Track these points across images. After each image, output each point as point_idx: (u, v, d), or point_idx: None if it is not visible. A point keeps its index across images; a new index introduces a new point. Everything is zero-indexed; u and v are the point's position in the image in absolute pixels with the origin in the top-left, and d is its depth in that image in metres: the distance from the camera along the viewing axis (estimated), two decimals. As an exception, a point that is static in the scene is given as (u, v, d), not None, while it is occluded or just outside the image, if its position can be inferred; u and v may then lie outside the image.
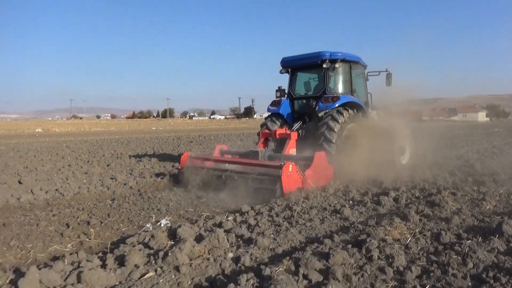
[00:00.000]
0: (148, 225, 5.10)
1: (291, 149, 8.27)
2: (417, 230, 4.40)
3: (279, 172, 6.44)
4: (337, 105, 8.68)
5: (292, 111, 9.85)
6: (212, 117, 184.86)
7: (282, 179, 6.38)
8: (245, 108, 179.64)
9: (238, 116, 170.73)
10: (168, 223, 5.16)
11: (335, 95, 8.97)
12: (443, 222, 4.78)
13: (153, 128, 53.44)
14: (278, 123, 9.49)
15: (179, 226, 4.32)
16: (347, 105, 8.95)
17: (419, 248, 3.88)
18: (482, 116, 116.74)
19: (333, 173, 7.45)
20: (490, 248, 3.79)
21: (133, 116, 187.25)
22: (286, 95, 10.00)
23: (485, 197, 5.88)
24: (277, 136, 8.52)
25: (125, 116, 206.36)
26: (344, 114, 8.53)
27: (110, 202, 6.64)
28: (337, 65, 9.15)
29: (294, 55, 9.86)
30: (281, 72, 10.14)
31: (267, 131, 9.11)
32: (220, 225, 4.72)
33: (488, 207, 5.49)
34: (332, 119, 8.34)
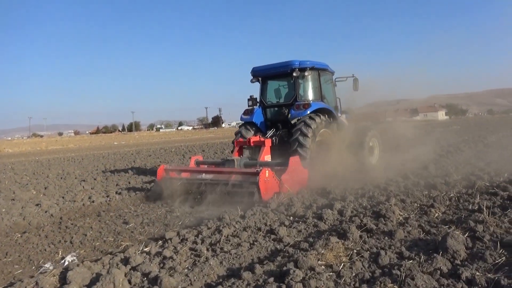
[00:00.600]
0: (47, 265, 4.28)
1: (266, 156, 8.47)
2: (355, 251, 3.85)
3: (257, 179, 6.62)
4: (308, 112, 8.91)
5: (265, 119, 10.05)
6: (179, 128, 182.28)
7: (260, 185, 6.56)
8: (212, 118, 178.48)
9: (206, 126, 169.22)
10: (73, 260, 4.36)
11: (306, 102, 9.21)
12: (386, 237, 4.27)
13: (115, 143, 51.62)
14: (252, 131, 9.66)
15: (71, 269, 3.54)
16: (318, 111, 9.18)
17: (353, 275, 3.31)
18: (442, 115, 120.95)
19: (307, 177, 7.68)
20: (433, 269, 3.27)
21: (97, 131, 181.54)
22: (258, 104, 10.18)
23: (435, 203, 5.45)
24: (252, 144, 8.70)
25: (89, 131, 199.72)
26: (316, 120, 8.77)
27: (19, 235, 5.72)
28: (306, 73, 9.42)
29: (264, 65, 10.07)
30: (252, 81, 10.33)
31: (241, 139, 9.20)
32: (127, 261, 3.96)
33: (436, 214, 5.04)
34: (305, 126, 8.58)
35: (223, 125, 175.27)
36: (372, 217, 5.00)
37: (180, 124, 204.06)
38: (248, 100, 10.29)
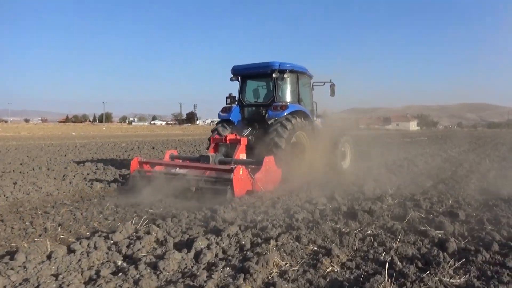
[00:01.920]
0: None
1: (241, 154, 8.57)
2: None
3: (230, 176, 6.72)
4: (285, 114, 8.96)
5: (242, 117, 10.08)
6: (152, 122, 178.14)
7: (234, 182, 6.66)
8: (187, 114, 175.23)
9: (180, 122, 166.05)
10: None
11: (284, 103, 9.23)
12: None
13: (73, 133, 48.73)
14: (229, 129, 9.65)
15: None
16: (294, 114, 9.22)
17: None
18: (413, 125, 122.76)
19: (281, 176, 7.87)
20: None
21: (67, 120, 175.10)
22: (236, 102, 10.19)
23: (336, 248, 3.92)
24: (228, 142, 8.82)
25: (58, 120, 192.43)
26: (292, 122, 8.86)
27: None
28: (285, 75, 9.46)
29: (245, 64, 10.05)
30: (231, 80, 10.25)
31: (217, 136, 9.27)
32: None
33: (328, 269, 3.50)
34: (282, 126, 8.68)
35: (198, 122, 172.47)
36: (233, 270, 3.41)
37: (154, 118, 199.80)
38: (227, 98, 10.27)
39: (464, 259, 3.71)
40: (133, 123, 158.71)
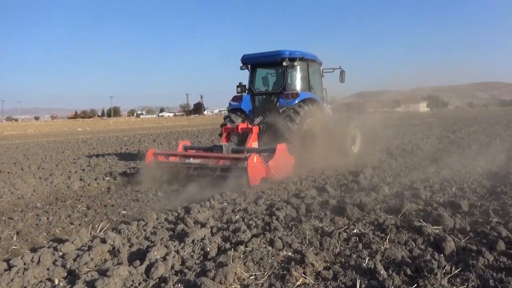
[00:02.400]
0: None
1: (253, 142, 8.63)
2: None
3: (245, 164, 6.74)
4: (297, 102, 9.01)
5: (253, 106, 10.03)
6: (160, 114, 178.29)
7: (248, 170, 6.67)
8: (194, 105, 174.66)
9: (187, 113, 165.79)
10: None
11: (294, 91, 9.31)
12: None
13: (79, 129, 48.69)
14: (240, 118, 9.68)
15: None
16: (305, 101, 9.26)
17: None
18: (423, 107, 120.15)
19: (293, 163, 7.90)
20: None
21: (76, 116, 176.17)
22: (247, 91, 10.15)
23: (312, 253, 3.38)
24: (240, 131, 8.85)
25: (67, 116, 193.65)
26: (304, 109, 8.96)
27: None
28: (295, 63, 9.51)
29: (255, 53, 9.98)
30: (241, 69, 10.24)
31: (229, 126, 9.22)
32: None
33: (299, 281, 2.95)
34: (294, 113, 8.78)
35: (205, 112, 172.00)
36: None
37: (162, 110, 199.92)
38: (237, 87, 10.23)
39: (462, 264, 3.13)
40: (141, 116, 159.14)
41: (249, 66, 10.17)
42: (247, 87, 10.16)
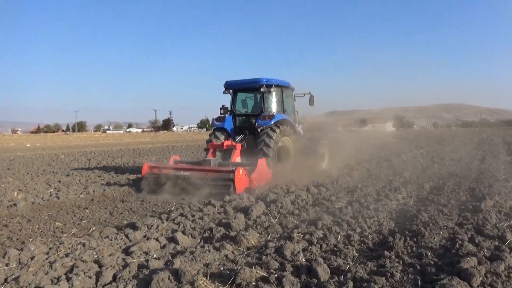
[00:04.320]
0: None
1: (236, 158, 9.82)
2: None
3: (232, 176, 8.06)
4: (272, 122, 10.32)
5: (234, 125, 11.39)
6: (128, 130, 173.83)
7: (235, 181, 8.02)
8: (163, 121, 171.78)
9: (156, 129, 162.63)
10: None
11: (270, 113, 10.64)
12: None
13: (28, 144, 45.72)
14: (223, 136, 10.91)
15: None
16: (280, 122, 10.57)
17: None
18: (389, 126, 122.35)
19: (271, 175, 9.19)
20: None
21: (38, 130, 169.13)
22: (229, 113, 11.48)
23: None
24: (225, 147, 10.01)
25: (30, 131, 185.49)
26: (279, 129, 10.25)
27: None
28: (272, 89, 11.00)
29: (237, 80, 11.45)
30: (224, 93, 11.54)
31: (215, 143, 10.34)
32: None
33: None
34: (270, 132, 10.05)
35: (175, 128, 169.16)
36: None
37: (130, 125, 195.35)
38: (220, 108, 11.60)
39: None
40: (107, 131, 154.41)
41: (230, 90, 11.53)
42: (229, 109, 11.53)
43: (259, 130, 10.40)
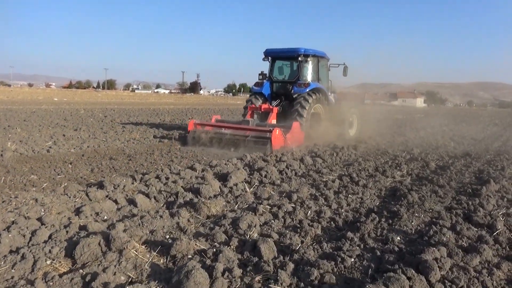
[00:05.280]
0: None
1: (272, 120, 10.67)
2: None
3: (270, 135, 8.99)
4: (307, 90, 11.07)
5: (271, 91, 12.16)
6: (156, 91, 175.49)
7: (272, 140, 8.91)
8: (191, 83, 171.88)
9: (183, 91, 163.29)
10: None
11: (306, 82, 11.36)
12: None
13: (55, 99, 46.87)
14: (260, 100, 11.71)
15: None
16: (314, 90, 11.33)
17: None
18: (420, 102, 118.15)
19: (304, 137, 10.18)
20: None
21: (70, 86, 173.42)
22: (267, 78, 12.20)
23: None
24: (262, 110, 10.97)
25: (62, 86, 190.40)
26: (313, 97, 10.99)
27: None
28: (308, 59, 11.73)
29: (276, 48, 12.19)
30: (263, 60, 12.24)
31: (253, 105, 11.26)
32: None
33: None
34: (304, 100, 10.81)
35: (201, 91, 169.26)
36: None
37: (158, 86, 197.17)
38: (259, 74, 12.33)
39: None
40: (136, 91, 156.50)
41: (269, 58, 12.19)
42: (267, 76, 12.25)
43: (294, 96, 11.25)
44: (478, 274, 2.96)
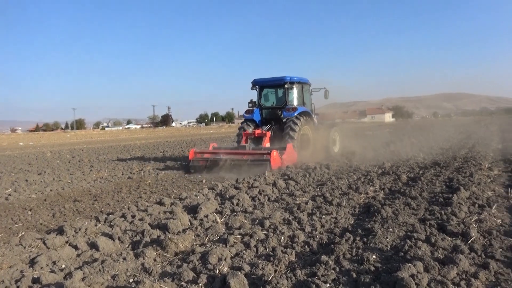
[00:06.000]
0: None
1: (266, 143, 11.74)
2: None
3: (269, 157, 9.97)
4: (295, 114, 12.12)
5: (261, 117, 13.14)
6: (127, 126, 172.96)
7: (271, 161, 9.89)
8: (162, 116, 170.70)
9: (155, 125, 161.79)
10: None
11: (293, 106, 12.41)
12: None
13: (20, 143, 45.23)
14: (252, 126, 12.65)
15: None
16: (301, 114, 12.39)
17: None
18: (388, 117, 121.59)
19: (297, 157, 11.21)
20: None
21: (37, 129, 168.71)
22: (257, 106, 13.19)
23: None
24: (256, 135, 12.05)
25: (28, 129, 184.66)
26: (301, 120, 12.05)
27: None
28: (294, 86, 12.83)
29: (263, 78, 13.14)
30: (251, 89, 13.28)
31: (248, 131, 12.28)
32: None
33: None
34: (294, 123, 11.83)
35: (174, 124, 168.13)
36: None
37: (129, 122, 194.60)
38: (249, 102, 13.37)
39: None
40: (107, 129, 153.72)
41: (257, 87, 13.23)
42: (257, 103, 13.24)
43: (284, 120, 12.31)
44: (456, 287, 2.86)
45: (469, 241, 3.87)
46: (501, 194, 6.22)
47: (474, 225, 4.37)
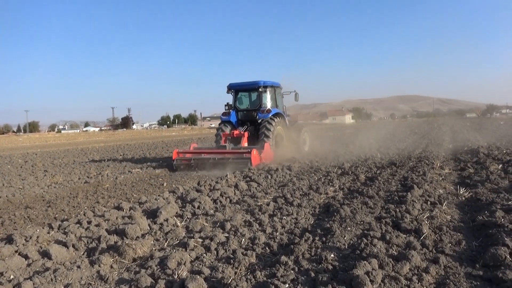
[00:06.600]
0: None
1: (245, 143, 12.70)
2: None
3: (249, 155, 10.93)
4: (270, 115, 13.08)
5: (237, 119, 14.14)
6: (85, 129, 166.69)
7: (252, 159, 10.82)
8: (122, 119, 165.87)
9: (115, 127, 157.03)
10: None
11: (267, 108, 13.35)
12: None
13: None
14: (229, 127, 13.57)
15: None
16: (275, 115, 13.42)
17: None
18: (348, 119, 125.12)
19: (273, 155, 12.22)
20: None
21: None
22: (233, 108, 14.13)
23: None
24: (234, 136, 12.87)
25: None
26: (275, 121, 13.03)
27: None
28: (267, 89, 13.86)
29: (238, 82, 14.18)
30: (227, 93, 14.27)
31: (226, 132, 13.21)
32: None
33: None
34: (269, 124, 12.80)
35: (134, 126, 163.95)
36: None
37: (87, 124, 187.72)
38: (225, 105, 14.20)
39: None
40: (63, 132, 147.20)
41: (232, 91, 14.13)
42: (233, 106, 14.10)
43: (259, 121, 13.12)
44: (409, 282, 2.98)
45: (421, 237, 4.05)
46: (451, 192, 6.55)
47: (426, 221, 4.58)
